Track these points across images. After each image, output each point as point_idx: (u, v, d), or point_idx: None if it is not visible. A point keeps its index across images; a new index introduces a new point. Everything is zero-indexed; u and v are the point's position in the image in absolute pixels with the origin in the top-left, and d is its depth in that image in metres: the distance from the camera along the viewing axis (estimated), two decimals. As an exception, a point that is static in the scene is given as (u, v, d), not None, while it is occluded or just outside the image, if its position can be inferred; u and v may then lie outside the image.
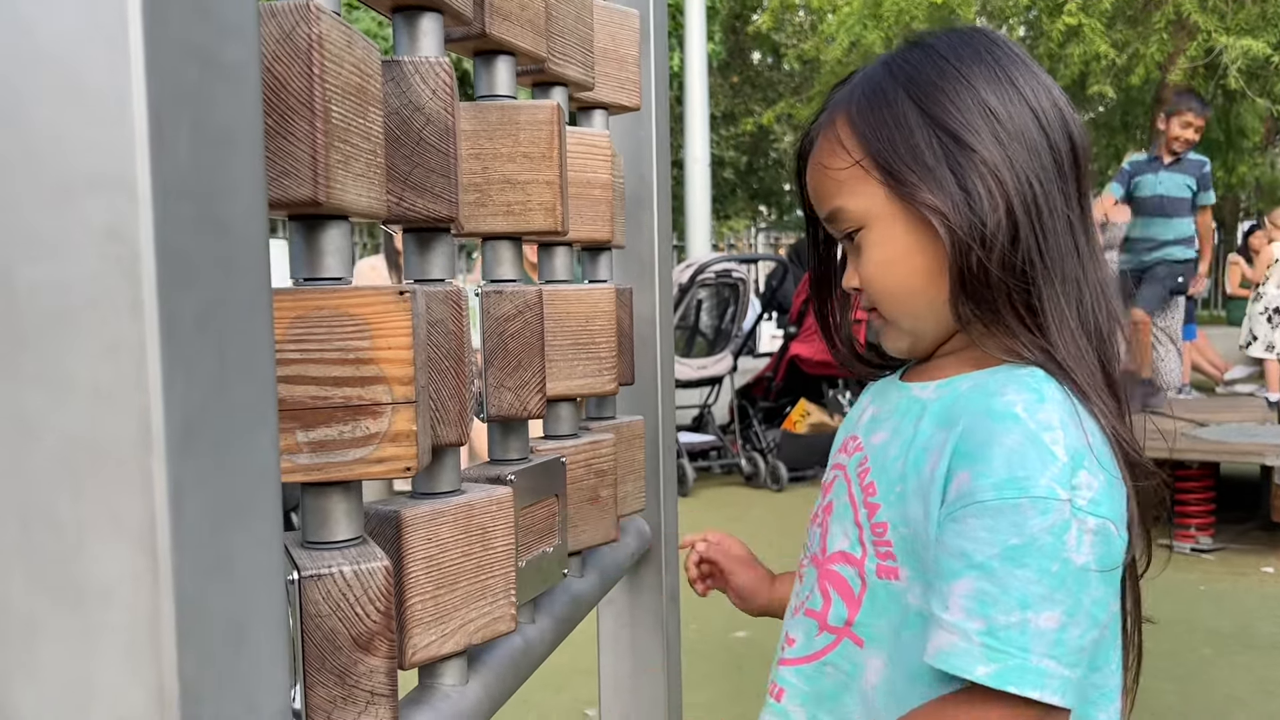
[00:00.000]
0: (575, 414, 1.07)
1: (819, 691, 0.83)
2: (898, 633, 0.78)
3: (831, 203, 0.83)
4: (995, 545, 0.70)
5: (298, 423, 0.60)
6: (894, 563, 0.78)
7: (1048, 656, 0.69)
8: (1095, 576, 0.71)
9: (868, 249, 0.81)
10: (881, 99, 0.80)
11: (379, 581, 0.60)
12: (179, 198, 0.43)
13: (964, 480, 0.72)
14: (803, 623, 0.85)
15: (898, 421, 0.82)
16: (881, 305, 0.83)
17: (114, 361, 0.42)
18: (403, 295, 0.60)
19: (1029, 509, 0.69)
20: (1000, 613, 0.69)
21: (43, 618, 0.42)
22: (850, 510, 0.82)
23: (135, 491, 0.42)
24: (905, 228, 0.79)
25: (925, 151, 0.77)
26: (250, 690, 0.47)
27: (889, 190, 0.79)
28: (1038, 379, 0.76)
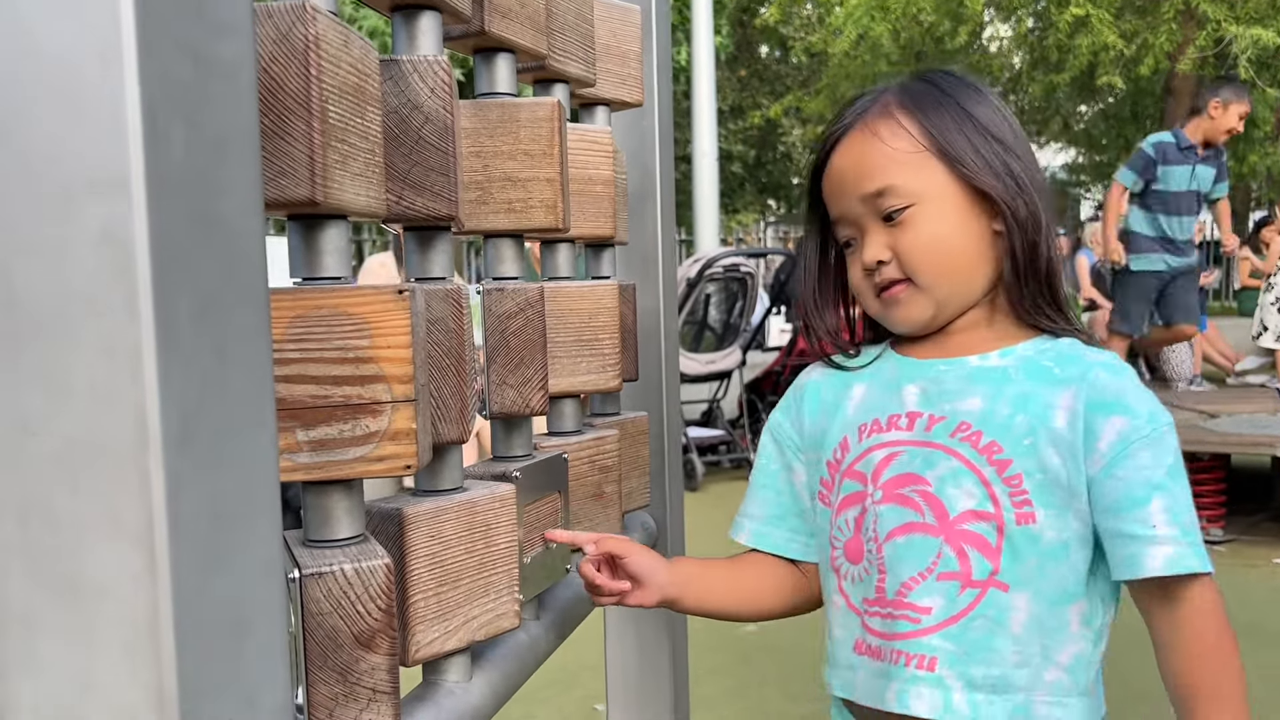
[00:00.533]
0: (579, 410, 1.07)
1: (968, 647, 0.88)
2: (1041, 568, 0.88)
3: (884, 180, 0.91)
4: (1163, 466, 0.86)
5: (298, 421, 0.60)
6: (1030, 508, 0.88)
7: (1200, 540, 0.86)
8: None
9: (921, 224, 0.91)
10: (932, 98, 0.93)
11: (380, 579, 0.60)
12: (174, 197, 0.43)
13: (1123, 425, 0.87)
14: (938, 587, 0.90)
15: (988, 388, 0.92)
16: (923, 276, 0.92)
17: (111, 361, 0.42)
18: (401, 294, 0.60)
19: (1169, 433, 0.87)
20: (1186, 516, 0.86)
21: (41, 613, 0.43)
22: (970, 474, 0.90)
23: (133, 489, 0.42)
24: (960, 208, 0.91)
25: (980, 144, 0.91)
26: (250, 686, 0.47)
27: (951, 173, 0.90)
28: (1084, 344, 0.93)
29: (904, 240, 0.91)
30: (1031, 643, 0.89)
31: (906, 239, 0.91)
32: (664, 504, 1.32)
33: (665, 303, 1.31)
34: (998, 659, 0.88)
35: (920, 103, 0.92)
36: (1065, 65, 9.62)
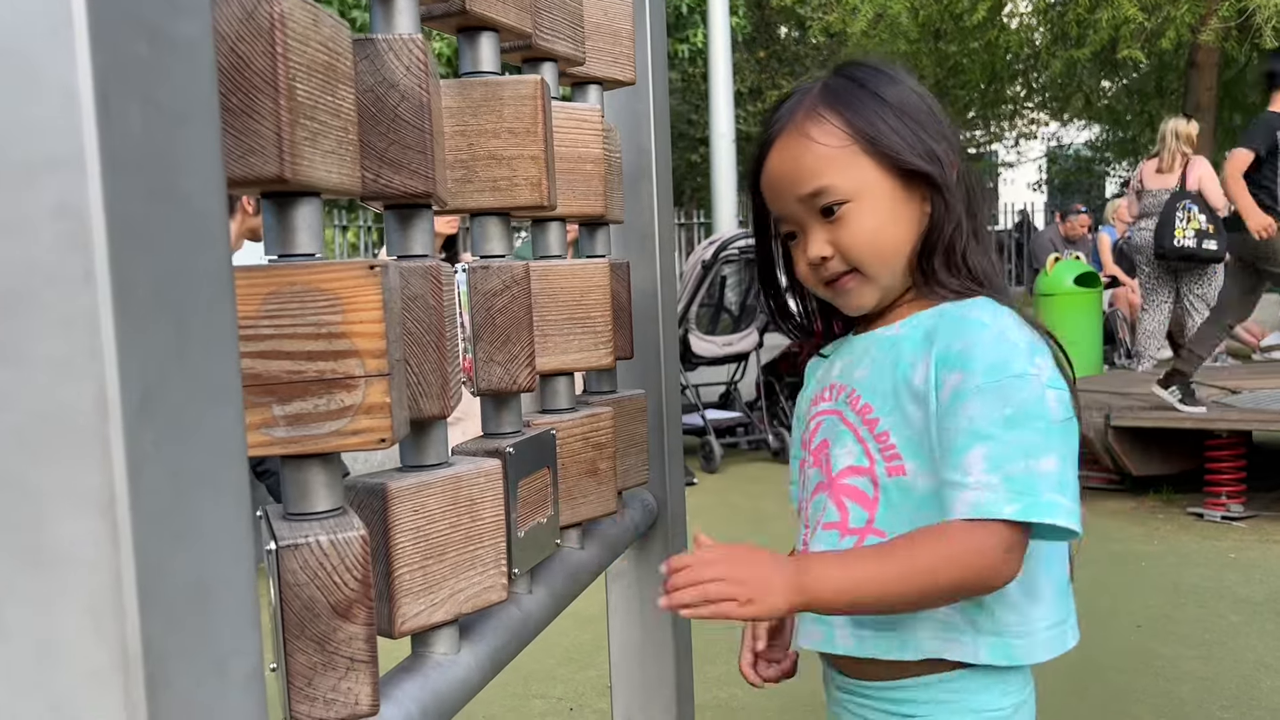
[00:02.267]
0: (571, 388, 1.08)
1: None
2: (913, 517, 0.92)
3: (818, 180, 0.95)
4: (992, 416, 0.87)
5: (273, 396, 0.61)
6: (900, 461, 0.94)
7: (1053, 491, 0.86)
8: (1070, 431, 0.89)
9: (855, 219, 0.95)
10: (849, 93, 0.96)
11: (355, 550, 0.61)
12: (131, 172, 0.44)
13: (956, 379, 0.89)
14: (823, 537, 0.97)
15: (876, 356, 0.98)
16: (868, 266, 0.97)
17: (70, 333, 0.43)
18: (373, 269, 0.61)
19: (1012, 385, 0.88)
20: (1010, 464, 0.86)
21: (8, 580, 0.44)
22: (849, 433, 0.97)
23: (94, 460, 0.43)
24: (893, 197, 0.96)
25: (901, 128, 0.95)
26: (218, 653, 0.48)
27: (880, 164, 0.95)
28: (987, 301, 0.95)
29: (844, 236, 0.95)
30: None
31: (846, 235, 0.95)
32: (663, 482, 1.33)
33: (663, 282, 1.31)
34: None
35: (842, 98, 0.96)
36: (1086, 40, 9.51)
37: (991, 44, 10.74)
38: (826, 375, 1.06)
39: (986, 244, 0.99)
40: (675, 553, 1.35)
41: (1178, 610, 3.19)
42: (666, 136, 1.31)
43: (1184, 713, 2.51)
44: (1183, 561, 3.65)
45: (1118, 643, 2.92)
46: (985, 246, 0.98)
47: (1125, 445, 4.28)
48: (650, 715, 1.37)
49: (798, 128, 0.97)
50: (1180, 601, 3.26)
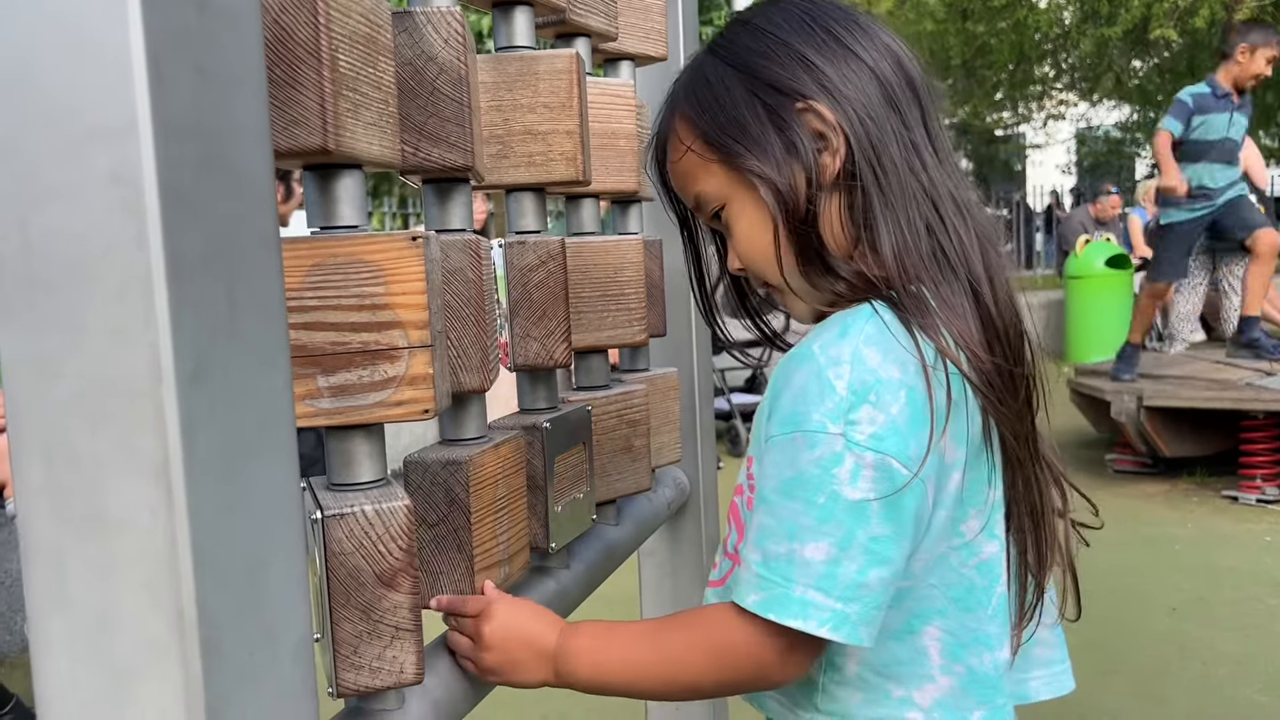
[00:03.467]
0: (606, 365, 1.08)
1: None
2: None
3: (690, 191, 0.83)
4: (774, 479, 0.72)
5: (318, 368, 0.61)
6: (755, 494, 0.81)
7: (814, 588, 0.70)
8: (876, 511, 0.70)
9: (733, 225, 0.81)
10: (704, 80, 0.81)
11: (400, 520, 0.61)
12: (181, 140, 0.44)
13: (762, 422, 0.77)
14: (719, 550, 0.89)
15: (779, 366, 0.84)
16: (762, 275, 0.82)
17: (124, 301, 0.43)
18: (415, 241, 0.61)
19: (800, 442, 0.71)
20: (773, 543, 0.71)
21: (68, 549, 0.44)
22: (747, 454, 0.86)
23: (149, 427, 0.44)
24: (750, 196, 0.78)
25: (750, 119, 0.78)
26: (270, 620, 0.49)
27: (724, 165, 0.79)
28: (856, 314, 0.75)
29: (733, 245, 0.82)
30: None
31: (733, 244, 0.82)
32: (695, 461, 1.32)
33: (695, 259, 1.30)
34: None
35: (689, 90, 0.81)
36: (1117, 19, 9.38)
37: (1020, 23, 10.62)
38: None
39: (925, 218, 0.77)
40: (709, 530, 1.35)
41: (1212, 593, 3.16)
42: (698, 114, 1.30)
43: (1220, 695, 2.49)
44: (1217, 544, 3.61)
45: (1151, 626, 2.90)
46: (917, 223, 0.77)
47: (1158, 426, 4.24)
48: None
49: (663, 133, 0.84)
50: (1215, 585, 3.23)
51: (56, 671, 0.45)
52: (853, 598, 0.70)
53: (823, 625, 0.69)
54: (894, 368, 0.71)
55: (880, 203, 0.76)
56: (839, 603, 0.69)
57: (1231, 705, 2.43)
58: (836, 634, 0.69)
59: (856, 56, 0.78)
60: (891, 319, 0.73)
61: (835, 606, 0.69)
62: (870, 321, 0.73)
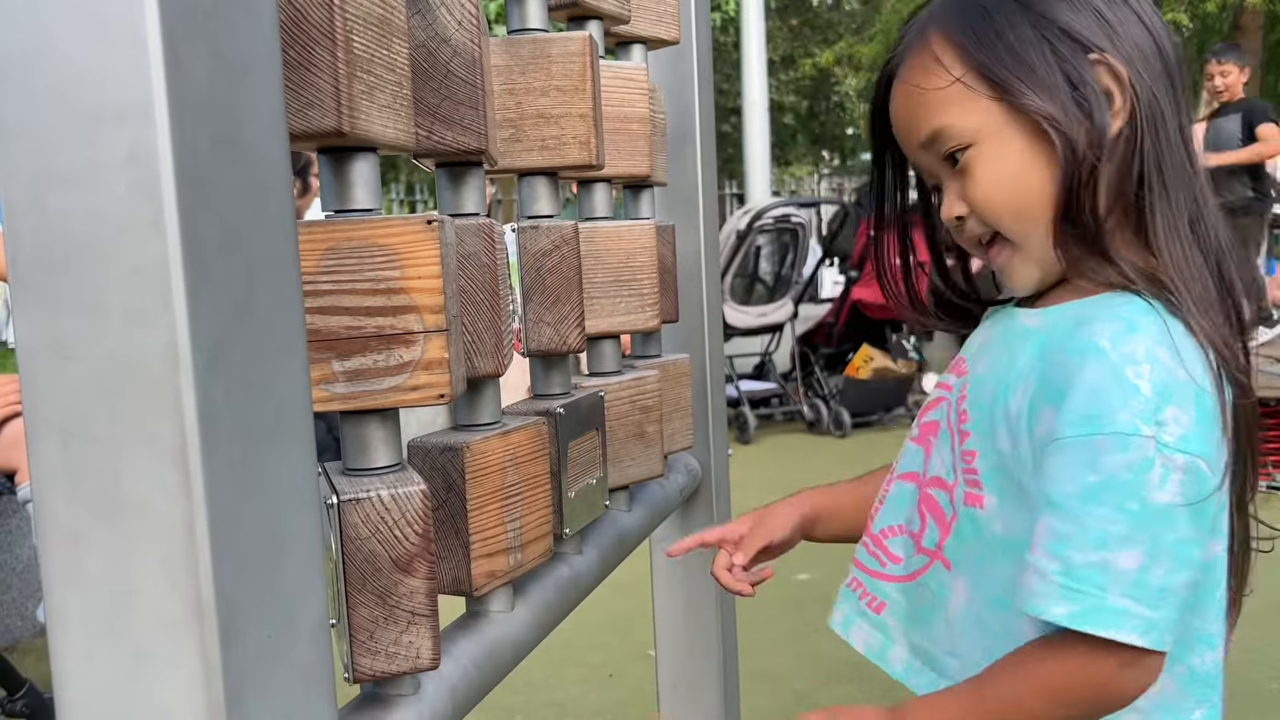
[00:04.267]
0: (618, 351, 1.07)
1: (914, 611, 0.84)
2: (981, 560, 0.78)
3: (931, 124, 0.78)
4: (1073, 483, 0.69)
5: (333, 352, 0.61)
6: (979, 490, 0.77)
7: (1126, 596, 0.67)
8: (1183, 515, 0.68)
9: (978, 168, 0.76)
10: (980, 10, 0.76)
11: (416, 505, 0.61)
12: (197, 123, 0.44)
13: (1049, 418, 0.71)
14: (903, 542, 0.85)
15: (1000, 350, 0.80)
16: (1007, 228, 0.77)
17: (141, 283, 0.43)
18: (430, 224, 0.61)
19: (1105, 445, 0.68)
20: (1077, 551, 0.68)
21: (85, 529, 0.44)
22: (949, 436, 0.82)
23: (167, 410, 0.43)
24: (1020, 141, 0.75)
25: (1035, 58, 0.74)
26: (287, 602, 0.49)
27: (998, 102, 0.75)
28: (1134, 308, 0.72)
29: (970, 188, 0.77)
30: (967, 638, 0.79)
31: (971, 186, 0.77)
32: (707, 447, 1.32)
33: (706, 245, 1.30)
34: (932, 635, 0.82)
35: (960, 18, 0.77)
36: (1128, 3, 9.30)
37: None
38: (970, 343, 0.87)
39: (1191, 210, 0.74)
40: (721, 516, 1.35)
41: (1222, 580, 3.14)
42: (710, 98, 1.29)
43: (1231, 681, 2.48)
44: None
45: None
46: (1183, 213, 0.74)
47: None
48: (695, 680, 1.38)
49: (908, 62, 0.79)
50: (1224, 571, 3.22)
51: (74, 652, 0.45)
52: (1159, 603, 0.68)
53: (1133, 633, 0.67)
54: (1182, 369, 0.69)
55: (1157, 180, 0.73)
56: (1148, 609, 0.68)
57: (1245, 693, 2.43)
58: (1145, 640, 0.68)
59: (1140, 20, 0.75)
60: (1169, 317, 0.71)
61: (1145, 614, 0.67)
62: (1154, 319, 0.71)
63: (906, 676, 0.84)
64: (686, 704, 1.34)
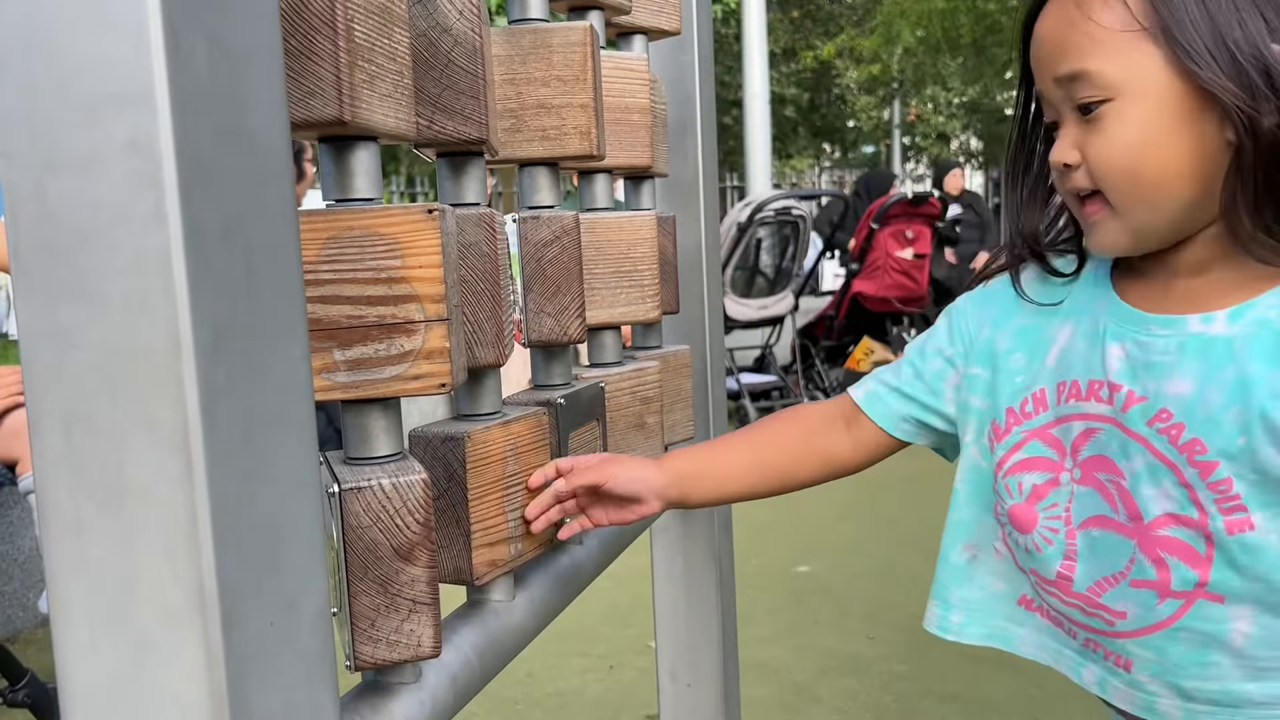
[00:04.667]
0: (619, 342, 1.07)
1: (1175, 658, 0.77)
2: (1266, 580, 0.73)
3: (1080, 63, 0.72)
4: None
5: (334, 341, 0.61)
6: (1244, 514, 0.73)
7: None
8: None
9: (1115, 124, 0.71)
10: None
11: (417, 493, 0.61)
12: (198, 111, 0.44)
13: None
14: (1132, 594, 0.78)
15: (1201, 366, 0.74)
16: (1115, 192, 0.73)
17: (142, 272, 0.43)
18: (431, 214, 0.61)
19: None
20: None
21: (88, 518, 0.44)
22: (1168, 470, 0.75)
23: (168, 398, 0.44)
24: (1176, 110, 0.70)
25: (1228, 18, 0.68)
26: (289, 590, 0.49)
27: (1169, 60, 0.69)
28: None
29: (1095, 143, 0.72)
30: (1267, 655, 0.75)
31: (1097, 142, 0.72)
32: (708, 438, 1.32)
33: (707, 236, 1.30)
34: (1218, 673, 0.76)
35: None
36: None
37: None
38: (1081, 353, 0.80)
39: None
40: (722, 509, 1.35)
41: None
42: (711, 89, 1.29)
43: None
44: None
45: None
46: None
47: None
48: (695, 671, 1.38)
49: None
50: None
51: (77, 640, 0.45)
52: None
53: None
54: None
55: None
56: None
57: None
58: None
59: None
60: None
61: None
62: None
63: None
64: (685, 693, 1.35)
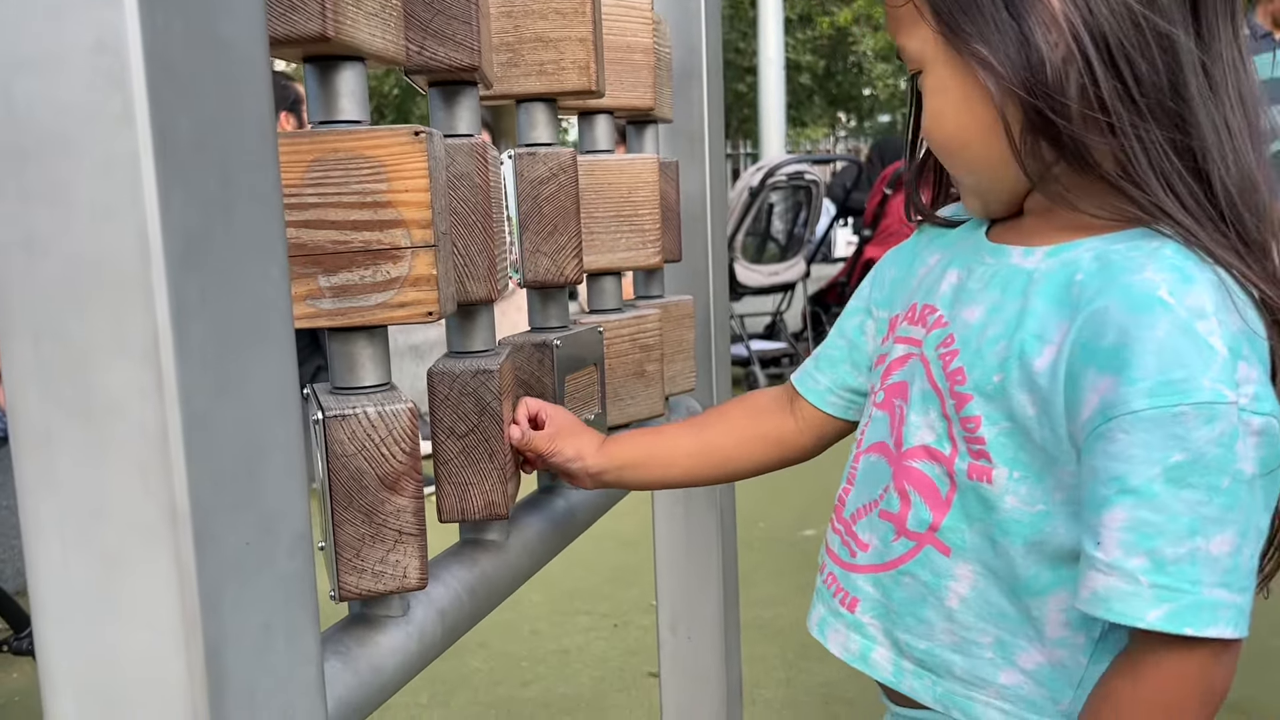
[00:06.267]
0: (619, 289, 1.06)
1: (895, 605, 0.74)
2: (992, 541, 0.69)
3: (896, 38, 0.73)
4: (1155, 465, 0.60)
5: (319, 267, 0.60)
6: (987, 463, 0.68)
7: (1219, 586, 0.60)
8: (1260, 484, 0.61)
9: (927, 95, 0.72)
10: None
11: (403, 423, 0.60)
12: (169, 11, 0.42)
13: (1107, 388, 0.61)
14: (878, 525, 0.75)
15: (997, 296, 0.70)
16: (942, 158, 0.75)
17: (111, 177, 0.42)
18: (418, 135, 0.59)
19: (1191, 417, 0.59)
20: (1168, 544, 0.60)
21: (58, 431, 0.43)
22: (935, 399, 0.72)
23: (138, 309, 0.42)
24: (958, 76, 0.69)
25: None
26: (266, 512, 0.48)
27: (939, 34, 0.69)
28: (1176, 253, 0.64)
29: (925, 115, 0.73)
30: (977, 628, 0.71)
31: (926, 113, 0.73)
32: (710, 391, 1.31)
33: (712, 186, 1.28)
34: (927, 631, 0.73)
35: None
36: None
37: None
38: (931, 279, 0.78)
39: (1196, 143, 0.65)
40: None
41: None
42: (718, 36, 1.27)
43: (1234, 640, 2.48)
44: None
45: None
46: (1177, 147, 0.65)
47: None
48: (695, 624, 1.38)
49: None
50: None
51: (48, 557, 0.44)
52: (1245, 586, 0.61)
53: (1227, 626, 0.60)
54: (1238, 317, 0.62)
55: (1128, 109, 0.65)
56: (1239, 594, 0.61)
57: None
58: (1237, 630, 0.61)
59: None
60: (1206, 259, 0.64)
61: (1236, 601, 0.61)
62: (1195, 261, 0.63)
63: (898, 680, 0.75)
64: (685, 646, 1.34)
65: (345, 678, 0.59)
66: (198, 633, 0.44)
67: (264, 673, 0.48)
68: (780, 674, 2.37)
